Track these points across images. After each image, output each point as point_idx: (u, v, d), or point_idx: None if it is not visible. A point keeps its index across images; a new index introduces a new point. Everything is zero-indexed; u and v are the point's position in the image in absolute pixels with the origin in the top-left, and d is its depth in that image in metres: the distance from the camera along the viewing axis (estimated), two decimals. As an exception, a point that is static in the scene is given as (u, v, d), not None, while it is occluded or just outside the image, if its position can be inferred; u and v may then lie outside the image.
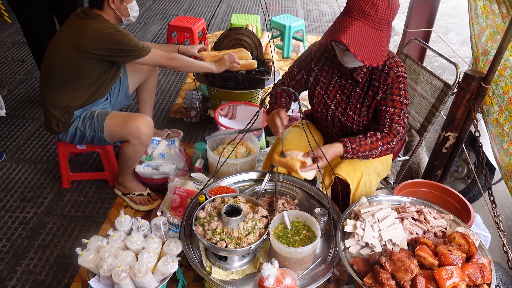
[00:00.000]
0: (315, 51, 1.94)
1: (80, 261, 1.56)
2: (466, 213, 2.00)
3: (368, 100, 1.83)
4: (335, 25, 1.63)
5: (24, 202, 2.46)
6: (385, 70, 1.77)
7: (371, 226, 1.63)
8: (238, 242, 1.50)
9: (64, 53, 2.15)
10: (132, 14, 2.27)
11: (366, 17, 1.56)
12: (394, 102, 1.76)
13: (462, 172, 2.81)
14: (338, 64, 1.84)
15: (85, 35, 2.09)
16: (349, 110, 1.88)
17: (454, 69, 2.03)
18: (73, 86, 2.22)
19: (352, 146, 1.75)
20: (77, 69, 2.17)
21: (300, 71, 2.01)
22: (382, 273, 1.42)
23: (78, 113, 2.29)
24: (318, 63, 1.93)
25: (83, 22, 2.12)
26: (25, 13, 2.94)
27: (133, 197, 2.45)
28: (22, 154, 2.86)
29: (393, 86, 1.76)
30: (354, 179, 1.90)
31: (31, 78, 3.84)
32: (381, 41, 1.61)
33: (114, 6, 2.17)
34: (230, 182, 1.95)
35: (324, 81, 1.93)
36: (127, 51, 2.17)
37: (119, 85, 2.50)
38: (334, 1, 6.35)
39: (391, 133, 1.79)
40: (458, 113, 2.02)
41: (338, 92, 1.90)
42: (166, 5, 5.85)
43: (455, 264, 1.43)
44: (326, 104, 1.93)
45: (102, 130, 2.25)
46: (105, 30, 2.10)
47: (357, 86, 1.85)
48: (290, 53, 4.38)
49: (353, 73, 1.82)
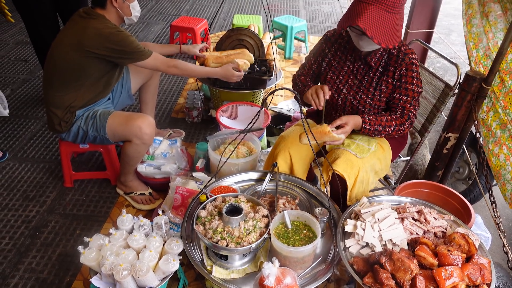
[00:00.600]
0: (329, 36, 2.02)
1: (82, 259, 1.58)
2: (466, 214, 2.00)
3: (382, 84, 1.90)
4: (350, 11, 1.69)
5: (27, 201, 2.47)
6: (400, 56, 1.84)
7: (371, 226, 1.64)
8: (238, 241, 1.51)
9: (66, 52, 2.17)
10: (134, 14, 2.28)
11: (380, 1, 1.63)
12: (407, 91, 1.85)
13: (463, 173, 2.81)
14: (352, 49, 1.92)
15: (86, 35, 2.11)
16: (362, 93, 1.93)
17: (455, 70, 2.04)
18: (75, 86, 2.24)
19: (369, 118, 1.86)
20: (79, 69, 2.19)
21: (316, 59, 2.08)
22: (382, 273, 1.43)
23: (81, 112, 2.31)
24: (332, 48, 2.00)
25: (85, 22, 2.13)
26: (30, 12, 2.96)
27: (135, 196, 2.46)
28: (25, 153, 2.88)
29: (407, 74, 1.84)
30: (351, 175, 1.91)
31: (34, 77, 3.86)
32: (395, 24, 1.67)
33: (117, 4, 2.18)
34: (231, 182, 1.96)
35: (336, 66, 1.99)
36: (128, 53, 2.17)
37: (121, 85, 2.52)
38: (336, 1, 6.36)
39: (403, 118, 1.90)
40: (459, 114, 2.03)
41: (350, 77, 1.96)
42: (169, 6, 5.87)
43: (455, 264, 1.43)
44: (338, 88, 1.99)
45: (105, 130, 2.27)
46: (107, 30, 2.11)
47: (370, 70, 1.91)
48: (292, 54, 4.39)
49: (366, 57, 1.88)
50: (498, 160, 1.88)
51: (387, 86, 1.89)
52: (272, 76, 2.88)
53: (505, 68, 1.81)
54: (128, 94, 2.57)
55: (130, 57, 2.21)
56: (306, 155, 2.11)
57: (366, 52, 1.87)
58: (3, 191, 2.54)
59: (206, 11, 5.72)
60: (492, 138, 1.89)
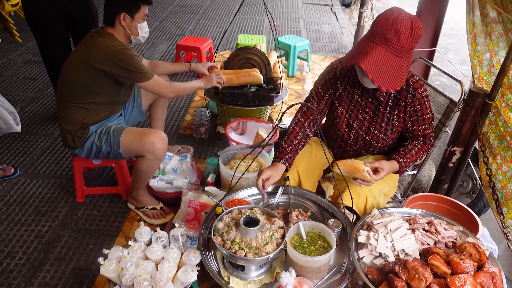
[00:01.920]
0: (339, 70, 1.96)
1: (102, 270, 1.61)
2: (473, 226, 2.05)
3: (393, 119, 1.90)
4: (357, 48, 1.68)
5: (39, 216, 2.50)
6: (410, 91, 1.83)
7: (384, 237, 1.68)
8: (256, 252, 1.55)
9: (75, 70, 2.24)
10: (141, 34, 2.35)
11: (388, 43, 1.60)
12: (424, 120, 1.89)
13: (467, 187, 2.87)
14: (358, 83, 1.88)
15: (94, 51, 2.19)
16: (374, 129, 1.93)
17: (454, 88, 2.12)
18: (86, 103, 2.29)
19: (404, 160, 1.87)
20: (87, 86, 2.25)
21: (327, 90, 1.99)
22: (397, 281, 1.47)
23: (94, 128, 2.36)
24: (343, 82, 1.95)
25: (94, 40, 2.22)
26: (43, 30, 3.05)
27: (147, 211, 2.50)
28: (36, 170, 2.92)
29: (422, 108, 1.85)
30: (359, 205, 1.94)
31: (43, 95, 3.93)
32: (400, 67, 1.65)
33: (125, 23, 2.26)
34: (245, 195, 2.01)
35: (346, 100, 1.95)
36: (131, 72, 2.22)
37: (133, 102, 2.58)
38: (336, 22, 6.53)
39: (426, 143, 1.96)
40: (464, 128, 2.10)
41: (360, 111, 1.93)
42: (173, 26, 6.01)
43: (468, 272, 1.47)
44: (348, 123, 1.97)
45: (118, 145, 2.32)
46: (114, 47, 2.19)
47: (380, 105, 1.89)
48: (295, 72, 4.49)
49: (375, 92, 1.86)
50: (489, 170, 1.95)
51: (399, 120, 1.90)
52: (279, 93, 2.95)
53: (506, 83, 1.90)
54: (140, 111, 2.63)
55: (132, 77, 2.25)
56: (314, 172, 2.16)
57: (375, 88, 1.83)
58: (15, 207, 2.57)
59: (210, 31, 5.87)
60: (488, 149, 1.97)
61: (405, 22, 1.59)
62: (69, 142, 2.36)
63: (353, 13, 5.30)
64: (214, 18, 6.41)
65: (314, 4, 7.36)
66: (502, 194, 1.86)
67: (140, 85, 2.33)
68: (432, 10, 2.60)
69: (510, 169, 1.83)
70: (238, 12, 3.43)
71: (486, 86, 2.04)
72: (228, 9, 6.90)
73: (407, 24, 1.60)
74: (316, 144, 2.18)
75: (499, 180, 1.89)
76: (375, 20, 1.67)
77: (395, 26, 1.58)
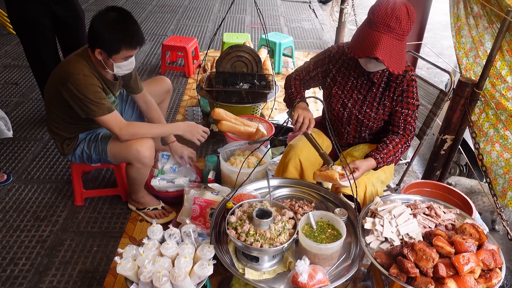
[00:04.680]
0: (334, 53, 2.09)
1: (119, 269, 1.62)
2: (467, 209, 2.17)
3: (385, 99, 2.02)
4: (364, 41, 1.76)
5: (38, 221, 2.48)
6: (401, 73, 1.96)
7: (389, 222, 1.77)
8: (271, 242, 1.61)
9: (52, 87, 2.17)
10: (117, 71, 2.14)
11: (392, 30, 1.72)
12: (408, 105, 1.98)
13: (455, 174, 3.01)
14: (354, 66, 2.02)
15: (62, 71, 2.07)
16: (366, 107, 2.05)
17: (433, 79, 2.22)
18: (68, 117, 2.24)
19: (381, 156, 1.93)
20: (63, 105, 2.15)
21: (316, 68, 2.15)
22: (407, 263, 1.55)
23: (83, 135, 2.35)
24: (336, 64, 2.09)
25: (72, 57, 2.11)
26: (30, 34, 2.99)
27: (148, 211, 2.51)
28: (29, 175, 2.87)
29: (408, 89, 1.97)
30: (359, 193, 2.03)
31: (27, 100, 3.85)
32: (402, 50, 1.79)
33: (101, 58, 2.07)
34: (251, 189, 2.06)
35: (341, 81, 2.09)
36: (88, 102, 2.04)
37: (132, 108, 2.58)
38: (315, 18, 6.63)
39: (406, 134, 2.00)
40: (454, 117, 2.21)
41: (355, 92, 2.07)
42: (154, 26, 5.97)
43: (470, 251, 1.57)
44: (343, 103, 2.09)
45: (106, 153, 2.30)
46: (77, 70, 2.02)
47: (373, 86, 2.03)
48: (281, 69, 4.56)
49: (369, 74, 2.00)
50: (489, 157, 2.06)
51: (389, 101, 2.02)
52: (272, 90, 3.01)
53: (494, 73, 2.01)
54: (140, 116, 2.62)
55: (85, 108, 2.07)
56: (315, 161, 2.23)
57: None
58: (12, 213, 2.53)
59: (192, 31, 5.86)
60: (483, 137, 2.08)
61: (402, 8, 1.73)
62: (60, 149, 2.35)
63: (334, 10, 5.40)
64: (194, 17, 6.40)
65: (292, 1, 7.45)
66: (505, 179, 1.98)
67: (97, 119, 2.11)
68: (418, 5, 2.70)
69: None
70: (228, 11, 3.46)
71: (474, 76, 2.15)
72: (207, 8, 6.90)
73: (404, 10, 1.73)
74: (316, 135, 2.25)
75: (501, 167, 2.00)
76: (373, 10, 1.77)
77: (395, 14, 1.71)
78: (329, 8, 6.28)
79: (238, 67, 3.20)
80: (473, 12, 2.16)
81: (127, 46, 2.03)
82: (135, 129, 2.22)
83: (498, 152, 2.07)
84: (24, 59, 4.58)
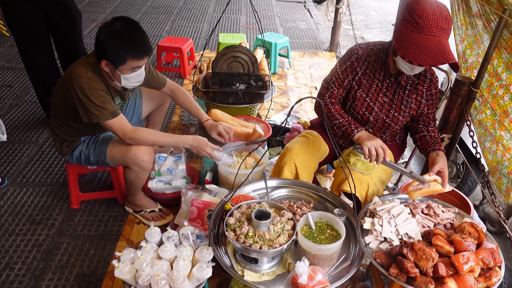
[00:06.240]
0: (360, 55, 2.03)
1: (117, 273, 1.61)
2: (465, 208, 2.17)
3: (412, 102, 2.04)
4: (423, 47, 1.72)
5: (34, 225, 2.45)
6: (428, 76, 2.00)
7: (388, 222, 1.76)
8: (270, 244, 1.59)
9: (59, 90, 2.16)
10: (124, 84, 2.10)
11: (445, 32, 1.73)
12: (433, 105, 2.06)
13: (452, 172, 3.01)
14: (380, 68, 2.01)
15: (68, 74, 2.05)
16: (394, 111, 2.05)
17: None
18: (71, 124, 2.23)
19: (440, 146, 2.02)
20: (69, 109, 2.13)
21: (347, 76, 2.06)
22: (406, 263, 1.54)
23: (83, 137, 2.33)
24: (363, 66, 2.04)
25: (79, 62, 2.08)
26: (24, 33, 2.97)
27: (145, 214, 2.49)
28: (24, 178, 2.85)
29: (436, 92, 2.03)
30: (361, 192, 2.03)
31: (21, 102, 3.82)
32: None
33: (108, 69, 2.04)
34: (249, 190, 2.05)
35: (366, 84, 2.05)
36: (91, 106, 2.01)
37: (133, 111, 2.56)
38: (310, 18, 6.64)
39: (435, 126, 2.15)
40: (451, 116, 2.21)
41: (380, 95, 2.05)
42: (149, 27, 5.95)
43: (470, 250, 1.57)
44: (369, 106, 2.07)
45: (105, 156, 2.27)
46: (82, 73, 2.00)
47: (399, 88, 2.03)
48: (277, 69, 4.56)
49: (398, 76, 1.99)
50: (495, 157, 2.06)
51: (416, 104, 2.04)
52: (268, 90, 3.00)
53: (491, 71, 2.02)
54: (139, 120, 2.60)
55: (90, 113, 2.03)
56: (310, 165, 2.22)
57: (398, 72, 1.96)
58: (7, 217, 2.50)
59: (187, 31, 5.84)
60: (489, 137, 2.08)
61: (444, 7, 1.75)
62: (58, 149, 2.33)
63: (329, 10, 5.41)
64: (189, 18, 6.38)
65: (287, 2, 7.45)
66: (509, 179, 1.98)
67: (102, 123, 2.08)
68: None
69: None
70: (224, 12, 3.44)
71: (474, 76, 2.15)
72: (202, 8, 6.89)
73: (445, 8, 1.75)
74: (312, 137, 2.25)
75: (505, 166, 2.01)
76: (420, 14, 1.71)
77: (444, 14, 1.72)
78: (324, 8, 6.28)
79: (234, 68, 3.19)
80: (473, 12, 2.16)
81: (133, 57, 1.98)
82: (140, 136, 2.14)
83: (502, 152, 2.07)
84: (18, 61, 4.55)
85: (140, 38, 2.00)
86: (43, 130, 3.38)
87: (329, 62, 4.99)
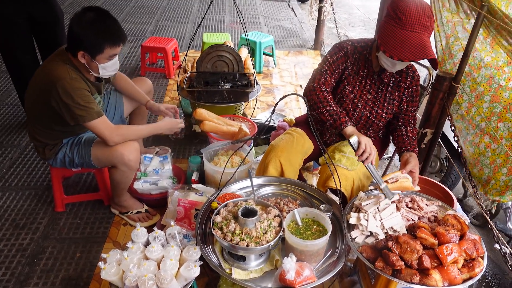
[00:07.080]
0: (348, 50, 2.03)
1: (104, 275, 1.59)
2: (448, 201, 2.21)
3: (394, 99, 2.08)
4: (405, 42, 1.75)
5: (18, 229, 2.41)
6: (410, 73, 2.04)
7: (373, 216, 1.78)
8: (257, 241, 1.60)
9: (34, 92, 2.12)
10: (102, 73, 2.10)
11: (426, 29, 1.77)
12: (414, 102, 2.09)
13: (435, 167, 3.06)
14: (363, 65, 2.03)
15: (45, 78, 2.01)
16: (377, 108, 2.08)
17: None
18: (51, 126, 2.19)
19: (415, 147, 2.06)
20: (48, 113, 2.10)
21: (338, 67, 2.04)
22: (392, 256, 1.57)
23: (66, 140, 2.30)
24: (352, 62, 2.05)
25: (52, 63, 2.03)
26: (6, 35, 2.92)
27: (132, 215, 2.47)
28: (7, 182, 2.79)
29: (416, 89, 2.06)
30: (347, 187, 2.05)
31: (2, 105, 3.74)
32: None
33: (84, 61, 2.03)
34: (236, 189, 2.05)
35: (351, 81, 2.08)
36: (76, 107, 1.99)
37: (114, 109, 2.53)
38: (294, 17, 6.66)
39: (415, 126, 2.15)
40: (433, 111, 2.25)
41: (363, 92, 2.07)
42: (132, 27, 5.89)
43: (453, 241, 1.60)
44: (353, 103, 2.09)
45: (90, 157, 2.25)
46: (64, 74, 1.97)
47: (382, 85, 2.06)
48: (262, 68, 4.56)
49: (381, 74, 2.02)
50: (477, 149, 2.11)
51: (398, 100, 2.08)
52: (253, 89, 3.01)
53: (473, 64, 2.06)
54: (121, 118, 2.57)
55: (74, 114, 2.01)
56: (295, 162, 2.23)
57: (381, 69, 1.99)
58: (-10, 222, 2.46)
59: (171, 31, 5.81)
60: (472, 130, 2.13)
61: (427, 5, 1.78)
62: (41, 154, 2.29)
63: (313, 9, 5.44)
64: (173, 18, 6.34)
65: (271, 1, 7.46)
66: (490, 169, 2.03)
67: (85, 124, 2.06)
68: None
69: (499, 146, 2.01)
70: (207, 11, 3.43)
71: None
72: (186, 8, 6.85)
73: (428, 6, 1.78)
74: (297, 134, 2.26)
75: (487, 157, 2.06)
76: (403, 11, 1.75)
77: (426, 12, 1.76)
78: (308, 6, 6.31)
79: (219, 67, 3.18)
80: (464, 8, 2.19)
81: (110, 44, 2.00)
82: (124, 132, 2.18)
83: (486, 143, 2.11)
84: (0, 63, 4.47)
85: (114, 25, 2.03)
86: (26, 133, 3.32)
87: (313, 60, 5.02)
